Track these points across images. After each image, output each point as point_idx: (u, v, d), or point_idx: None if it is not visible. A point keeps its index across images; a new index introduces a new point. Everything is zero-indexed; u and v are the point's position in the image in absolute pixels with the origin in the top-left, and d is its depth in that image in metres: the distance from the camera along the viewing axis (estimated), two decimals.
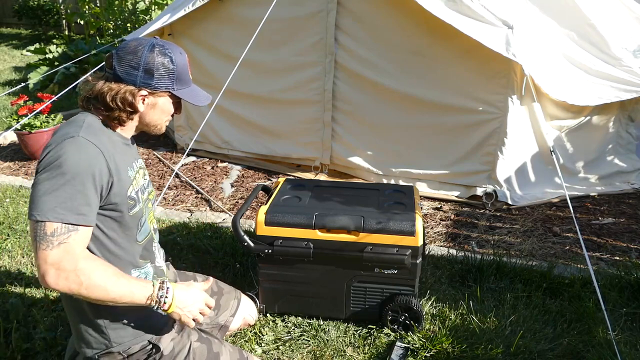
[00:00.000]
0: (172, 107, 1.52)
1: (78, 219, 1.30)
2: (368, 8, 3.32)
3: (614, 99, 3.28)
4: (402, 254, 2.05)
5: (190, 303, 1.46)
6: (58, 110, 4.67)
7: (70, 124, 1.42)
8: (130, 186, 1.47)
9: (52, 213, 1.27)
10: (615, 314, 2.29)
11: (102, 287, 1.31)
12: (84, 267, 1.29)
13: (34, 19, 9.85)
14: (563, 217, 3.24)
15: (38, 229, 1.27)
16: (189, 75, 1.51)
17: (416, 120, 3.43)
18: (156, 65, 1.42)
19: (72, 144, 1.33)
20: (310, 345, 2.14)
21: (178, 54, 1.47)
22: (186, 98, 1.50)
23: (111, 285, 1.32)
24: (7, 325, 2.21)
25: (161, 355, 1.56)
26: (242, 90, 3.85)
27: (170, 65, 1.45)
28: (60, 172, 1.29)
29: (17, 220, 3.22)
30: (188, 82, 1.52)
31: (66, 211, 1.29)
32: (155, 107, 1.48)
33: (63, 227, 1.28)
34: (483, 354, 2.06)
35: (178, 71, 1.46)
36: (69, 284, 1.28)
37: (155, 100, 1.47)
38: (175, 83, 1.47)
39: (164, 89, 1.46)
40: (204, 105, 1.56)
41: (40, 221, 1.27)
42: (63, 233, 1.28)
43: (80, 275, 1.28)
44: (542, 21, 3.39)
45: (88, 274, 1.29)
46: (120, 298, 1.34)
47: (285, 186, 2.42)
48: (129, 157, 1.53)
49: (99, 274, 1.31)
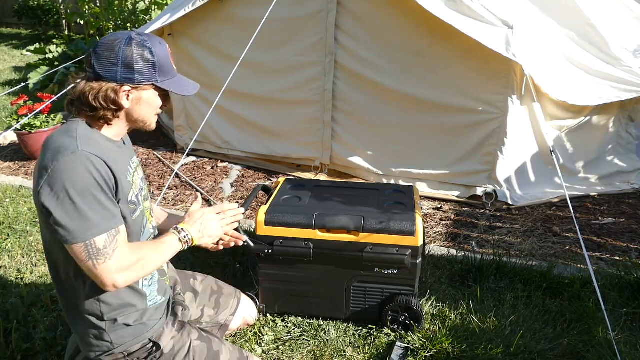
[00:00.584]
0: (158, 100, 1.48)
1: (116, 222, 1.37)
2: (368, 8, 3.32)
3: (614, 99, 3.28)
4: (402, 254, 2.05)
5: (204, 226, 1.58)
6: (58, 110, 4.67)
7: (63, 134, 1.38)
8: (130, 190, 1.46)
9: (95, 229, 1.32)
10: (615, 314, 2.29)
11: (154, 261, 1.45)
12: (137, 255, 1.40)
13: (34, 19, 9.84)
14: (563, 217, 3.24)
15: (90, 249, 1.31)
16: (172, 65, 1.47)
17: (416, 120, 3.43)
18: (135, 59, 1.38)
19: (76, 161, 1.31)
20: (310, 345, 2.14)
21: (157, 45, 1.43)
22: (171, 89, 1.46)
23: (157, 256, 1.46)
24: (7, 325, 2.21)
25: (161, 353, 1.56)
26: (242, 90, 3.85)
27: (150, 57, 1.40)
28: (80, 191, 1.30)
29: (17, 220, 3.22)
30: (172, 73, 1.47)
31: (107, 221, 1.34)
32: (140, 102, 1.44)
33: (109, 236, 1.33)
34: (483, 354, 2.06)
35: (159, 62, 1.42)
36: (135, 275, 1.40)
37: (140, 94, 1.43)
38: (158, 75, 1.43)
39: (146, 82, 1.42)
40: (190, 94, 1.52)
41: (87, 240, 1.30)
42: (112, 241, 1.34)
43: (140, 261, 1.40)
44: (542, 21, 3.39)
45: (143, 258, 1.41)
46: (166, 260, 1.51)
47: (285, 186, 2.42)
48: (124, 160, 1.51)
49: (147, 253, 1.44)
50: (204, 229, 1.58)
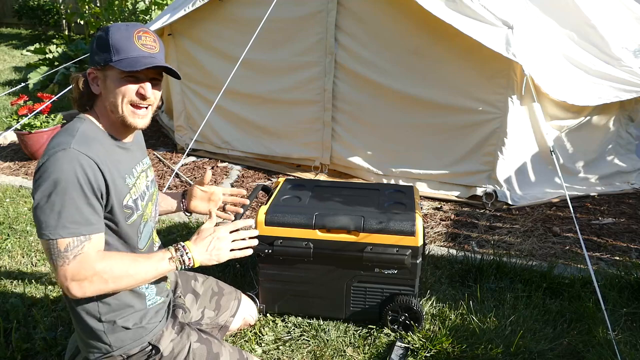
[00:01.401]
0: (123, 84, 1.39)
1: (89, 229, 1.32)
2: (368, 8, 3.32)
3: (613, 99, 3.28)
4: (402, 254, 2.05)
5: (213, 245, 1.49)
6: (58, 110, 4.67)
7: (64, 132, 1.39)
8: (127, 195, 1.45)
9: (62, 230, 1.29)
10: (615, 314, 2.29)
11: (126, 277, 1.36)
12: (103, 267, 1.33)
13: (34, 19, 9.85)
14: (563, 217, 3.24)
15: (52, 247, 1.29)
16: (135, 47, 1.39)
17: (416, 120, 3.43)
18: (95, 42, 1.42)
19: (64, 158, 1.31)
20: (310, 345, 2.14)
21: (121, 27, 1.41)
22: (120, 66, 1.37)
23: (133, 272, 1.37)
24: (7, 325, 2.21)
25: (161, 356, 1.56)
26: (242, 90, 3.85)
27: (105, 37, 1.39)
28: (61, 189, 1.29)
29: (17, 220, 3.22)
30: (131, 53, 1.38)
31: (76, 225, 1.30)
32: (106, 87, 1.41)
33: (75, 241, 1.30)
34: (483, 354, 2.06)
35: (114, 41, 1.37)
36: (95, 287, 1.33)
37: (104, 75, 1.40)
38: (113, 54, 1.37)
39: (102, 63, 1.38)
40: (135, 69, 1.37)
41: (52, 239, 1.28)
42: (76, 246, 1.30)
43: (102, 274, 1.33)
44: (543, 21, 3.39)
45: (109, 271, 1.34)
46: (147, 278, 1.42)
47: (285, 186, 2.42)
48: (127, 162, 1.50)
49: (119, 267, 1.36)
50: (213, 249, 1.49)
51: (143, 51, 1.40)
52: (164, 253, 1.45)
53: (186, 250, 1.46)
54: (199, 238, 1.50)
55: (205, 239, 1.50)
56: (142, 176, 1.56)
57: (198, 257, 1.47)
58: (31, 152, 4.16)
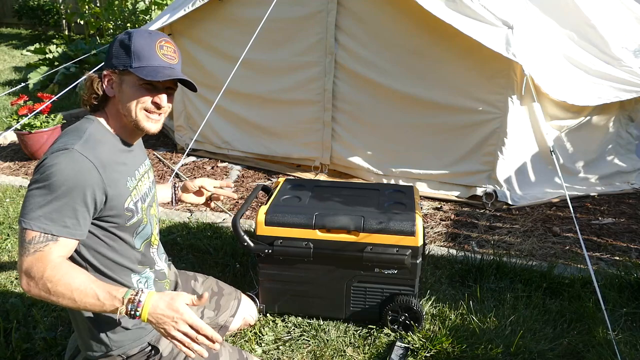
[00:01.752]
0: (140, 92, 1.41)
1: (60, 230, 1.30)
2: (368, 8, 3.32)
3: (613, 99, 3.28)
4: (402, 254, 2.05)
5: (164, 321, 1.27)
6: (58, 110, 4.68)
7: (73, 132, 1.40)
8: (128, 198, 1.45)
9: (35, 222, 1.28)
10: (615, 314, 2.29)
11: (68, 297, 1.26)
12: (51, 275, 1.26)
13: (34, 19, 9.85)
14: (563, 217, 3.24)
15: (21, 236, 1.30)
16: (155, 55, 1.41)
17: (416, 120, 3.43)
18: (115, 45, 1.42)
19: (65, 158, 1.31)
20: (310, 345, 2.14)
21: (145, 34, 1.42)
22: (140, 74, 1.38)
23: (78, 296, 1.26)
24: (7, 325, 2.21)
25: (160, 356, 1.56)
26: (242, 90, 3.85)
27: (127, 42, 1.40)
28: (50, 185, 1.29)
29: (17, 220, 3.21)
30: (151, 61, 1.40)
31: (49, 222, 1.29)
32: (121, 90, 1.42)
33: (42, 236, 1.28)
34: (483, 354, 2.06)
35: (135, 48, 1.39)
36: (38, 291, 1.27)
37: (120, 79, 1.41)
38: (133, 60, 1.39)
39: (121, 67, 1.40)
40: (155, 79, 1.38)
41: (24, 228, 1.29)
42: (40, 242, 1.28)
43: (47, 282, 1.25)
44: (543, 21, 3.39)
45: (55, 283, 1.25)
46: (88, 308, 1.28)
47: (285, 186, 2.42)
48: (131, 164, 1.50)
49: (65, 284, 1.26)
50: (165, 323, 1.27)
51: (164, 61, 1.42)
52: (116, 298, 1.27)
53: (139, 307, 1.26)
54: (167, 305, 1.28)
55: (168, 310, 1.27)
56: (144, 178, 1.57)
57: (148, 317, 1.28)
58: (31, 152, 4.16)
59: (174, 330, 1.27)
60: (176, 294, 1.31)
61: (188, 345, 1.28)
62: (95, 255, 1.43)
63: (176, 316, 1.27)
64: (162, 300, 1.28)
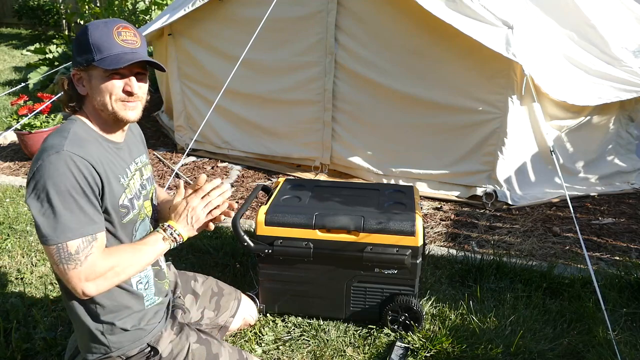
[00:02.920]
0: (110, 82, 1.39)
1: (94, 227, 1.34)
2: (368, 8, 3.32)
3: (614, 99, 3.28)
4: (402, 254, 2.05)
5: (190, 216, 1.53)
6: (58, 110, 4.67)
7: (56, 135, 1.38)
8: (122, 194, 1.44)
9: (70, 232, 1.29)
10: (615, 314, 2.29)
11: (134, 265, 1.42)
12: (113, 262, 1.37)
13: (34, 19, 9.84)
14: (563, 217, 3.24)
15: (61, 251, 1.29)
16: (115, 43, 1.38)
17: (416, 120, 3.43)
18: (76, 42, 1.41)
19: (58, 160, 1.30)
20: (310, 345, 2.14)
21: (100, 25, 1.39)
22: (103, 65, 1.36)
23: (138, 259, 1.44)
24: (7, 325, 2.21)
25: (160, 357, 1.56)
26: (242, 90, 3.85)
27: (84, 37, 1.38)
28: (60, 191, 1.28)
29: (17, 220, 3.22)
30: (112, 50, 1.37)
31: (83, 225, 1.31)
32: (92, 87, 1.40)
33: (85, 242, 1.31)
34: (483, 354, 2.06)
35: (94, 40, 1.36)
36: (108, 282, 1.37)
37: (88, 76, 1.40)
38: (95, 53, 1.36)
39: (86, 64, 1.37)
40: (119, 66, 1.36)
41: (60, 243, 1.28)
42: (86, 247, 1.31)
43: (115, 268, 1.37)
44: (543, 21, 3.39)
45: (120, 264, 1.38)
46: (150, 262, 1.48)
47: (285, 186, 2.42)
48: (121, 162, 1.49)
49: (126, 258, 1.41)
50: (192, 219, 1.54)
51: (124, 47, 1.39)
52: (156, 235, 1.50)
53: (173, 228, 1.51)
54: (176, 215, 1.54)
55: (182, 213, 1.53)
56: (136, 175, 1.56)
57: (184, 232, 1.53)
58: (31, 152, 4.16)
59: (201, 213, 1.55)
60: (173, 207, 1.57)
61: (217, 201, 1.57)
62: None
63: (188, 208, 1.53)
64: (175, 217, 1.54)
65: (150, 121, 4.93)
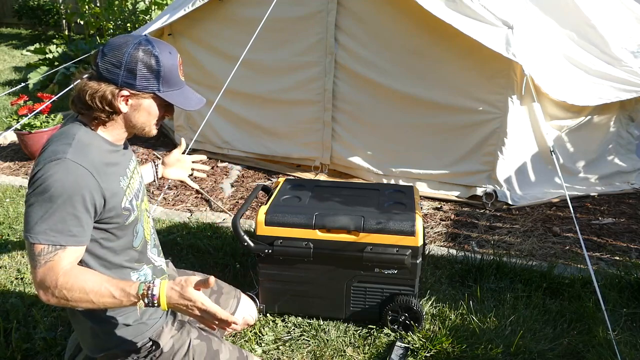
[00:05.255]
0: (158, 110, 1.42)
1: (68, 240, 1.29)
2: (368, 8, 3.32)
3: (614, 99, 3.28)
4: (402, 254, 2.05)
5: (181, 309, 1.29)
6: (58, 110, 4.67)
7: (61, 139, 1.36)
8: (124, 197, 1.44)
9: (43, 235, 1.27)
10: (615, 314, 2.29)
11: (86, 300, 1.27)
12: (64, 282, 1.26)
13: (34, 19, 9.84)
14: (563, 217, 3.24)
15: (30, 250, 1.29)
16: (179, 77, 1.42)
17: (416, 120, 3.43)
18: (139, 65, 1.34)
19: (60, 168, 1.29)
20: (310, 345, 2.14)
21: (167, 54, 1.38)
22: (173, 101, 1.40)
23: (94, 297, 1.27)
24: (7, 325, 2.21)
25: (161, 352, 1.56)
26: (242, 90, 3.85)
27: (155, 66, 1.35)
28: (50, 197, 1.28)
29: (17, 220, 3.22)
30: (177, 84, 1.42)
31: (57, 233, 1.28)
32: (139, 109, 1.40)
33: (50, 247, 1.28)
34: (483, 354, 2.06)
35: (164, 72, 1.37)
36: (57, 300, 1.28)
37: (139, 102, 1.38)
38: (161, 85, 1.37)
39: (147, 91, 1.37)
40: (192, 109, 1.44)
41: (32, 243, 1.28)
42: (50, 252, 1.28)
43: (62, 290, 1.26)
44: (543, 21, 3.39)
45: (69, 289, 1.26)
46: (108, 306, 1.33)
47: (285, 186, 2.42)
48: (122, 163, 1.49)
49: (79, 288, 1.26)
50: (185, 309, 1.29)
51: (183, 81, 1.44)
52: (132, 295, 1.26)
53: (155, 301, 1.27)
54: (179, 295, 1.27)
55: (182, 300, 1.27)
56: (135, 174, 1.56)
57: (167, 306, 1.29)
58: (31, 152, 4.16)
59: (194, 315, 1.29)
60: (185, 283, 1.28)
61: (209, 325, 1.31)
62: (94, 258, 1.43)
63: (190, 304, 1.27)
64: (174, 291, 1.28)
65: None
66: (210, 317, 1.27)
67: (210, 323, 1.30)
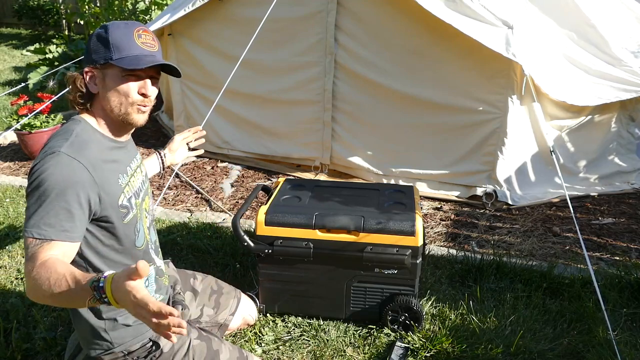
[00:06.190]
0: (125, 83, 1.39)
1: (59, 234, 1.28)
2: (368, 8, 3.32)
3: (614, 99, 3.28)
4: (402, 254, 2.05)
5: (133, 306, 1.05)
6: (58, 110, 4.67)
7: (60, 135, 1.38)
8: (121, 195, 1.44)
9: (35, 229, 1.27)
10: (615, 314, 2.29)
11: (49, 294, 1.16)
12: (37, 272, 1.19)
13: (34, 19, 9.84)
14: (563, 217, 3.24)
15: (24, 243, 1.29)
16: (135, 44, 1.39)
17: (416, 120, 3.43)
18: (93, 40, 1.40)
19: (53, 161, 1.30)
20: (310, 345, 2.14)
21: (121, 25, 1.40)
22: (122, 64, 1.36)
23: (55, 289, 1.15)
24: (7, 325, 2.21)
25: (161, 352, 1.56)
26: (242, 90, 3.85)
27: (104, 35, 1.38)
28: (43, 190, 1.28)
29: (17, 220, 3.22)
30: (132, 50, 1.38)
31: (47, 227, 1.27)
32: (105, 84, 1.40)
33: (38, 240, 1.26)
34: (483, 354, 2.06)
35: (114, 39, 1.37)
36: (34, 293, 1.20)
37: (102, 74, 1.39)
38: (114, 52, 1.36)
39: (102, 62, 1.37)
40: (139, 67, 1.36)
41: (25, 237, 1.28)
42: (37, 245, 1.26)
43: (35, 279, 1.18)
44: (542, 21, 3.39)
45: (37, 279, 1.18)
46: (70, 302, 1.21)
47: (285, 186, 2.42)
48: (123, 161, 1.49)
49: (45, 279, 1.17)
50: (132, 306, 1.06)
51: (144, 49, 1.40)
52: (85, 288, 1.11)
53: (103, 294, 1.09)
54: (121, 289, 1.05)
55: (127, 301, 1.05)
56: (137, 172, 1.56)
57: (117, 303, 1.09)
58: (31, 152, 4.16)
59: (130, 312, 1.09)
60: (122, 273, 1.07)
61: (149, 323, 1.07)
62: (98, 257, 1.43)
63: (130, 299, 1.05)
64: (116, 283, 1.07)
65: (150, 121, 4.90)
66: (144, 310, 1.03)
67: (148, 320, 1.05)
